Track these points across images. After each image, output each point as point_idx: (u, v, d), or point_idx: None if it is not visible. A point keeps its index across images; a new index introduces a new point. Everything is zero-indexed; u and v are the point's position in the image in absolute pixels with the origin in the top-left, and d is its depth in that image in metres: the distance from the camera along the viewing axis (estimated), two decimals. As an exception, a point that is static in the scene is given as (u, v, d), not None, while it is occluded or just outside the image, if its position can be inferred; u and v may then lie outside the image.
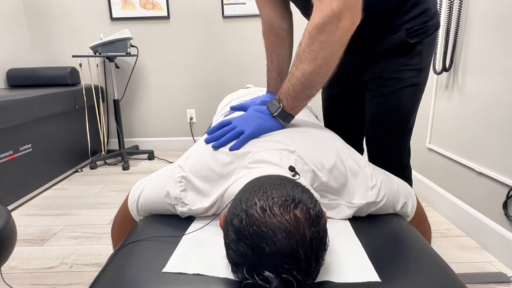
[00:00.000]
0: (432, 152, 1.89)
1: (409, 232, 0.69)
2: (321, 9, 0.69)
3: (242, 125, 0.76)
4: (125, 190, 2.22)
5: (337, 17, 0.68)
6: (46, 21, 2.88)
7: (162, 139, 3.14)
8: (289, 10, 1.05)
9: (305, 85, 0.76)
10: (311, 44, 0.71)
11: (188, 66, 2.97)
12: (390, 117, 0.99)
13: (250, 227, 0.47)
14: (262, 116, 0.79)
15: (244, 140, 0.72)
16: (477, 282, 1.25)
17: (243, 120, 0.78)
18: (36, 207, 2.00)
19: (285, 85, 0.79)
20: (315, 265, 0.48)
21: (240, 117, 0.80)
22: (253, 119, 0.78)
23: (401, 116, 0.99)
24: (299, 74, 0.75)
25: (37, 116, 2.16)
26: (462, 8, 1.55)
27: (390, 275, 0.54)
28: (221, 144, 0.72)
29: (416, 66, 0.94)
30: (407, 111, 0.98)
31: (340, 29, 0.69)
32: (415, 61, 0.93)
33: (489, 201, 1.45)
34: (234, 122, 0.77)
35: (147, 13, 2.85)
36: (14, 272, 1.38)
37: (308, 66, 0.73)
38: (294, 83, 0.76)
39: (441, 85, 1.77)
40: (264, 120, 0.78)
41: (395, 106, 0.97)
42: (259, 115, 0.79)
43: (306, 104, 0.83)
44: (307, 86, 0.76)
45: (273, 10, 1.02)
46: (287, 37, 1.05)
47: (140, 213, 0.77)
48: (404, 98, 0.96)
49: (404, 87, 0.95)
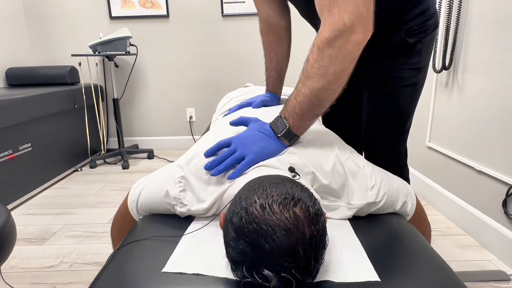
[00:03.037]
0: (431, 150, 1.89)
1: (408, 231, 0.69)
2: (331, 22, 0.64)
3: (243, 148, 0.69)
4: (124, 189, 2.22)
5: (349, 31, 0.63)
6: (45, 20, 2.87)
7: (162, 138, 3.14)
8: (287, 7, 1.04)
9: (313, 103, 0.70)
10: (321, 59, 0.66)
11: (188, 65, 2.97)
12: (388, 117, 0.98)
13: (249, 224, 0.47)
14: (265, 138, 0.72)
15: (244, 168, 0.67)
16: (477, 280, 1.25)
17: (244, 142, 0.71)
18: (36, 206, 2.00)
19: (290, 103, 0.72)
20: (314, 263, 0.48)
21: (241, 138, 0.72)
22: (256, 141, 0.71)
23: (399, 115, 0.98)
24: (307, 91, 0.69)
25: (37, 116, 2.16)
26: (462, 6, 1.55)
27: (390, 275, 0.54)
28: (220, 172, 0.67)
29: (416, 66, 0.93)
30: (405, 111, 0.98)
31: (352, 43, 0.65)
32: (414, 60, 0.92)
33: (488, 199, 1.45)
34: (234, 144, 0.71)
35: (146, 12, 2.84)
36: (14, 271, 1.38)
37: (317, 82, 0.68)
38: (301, 101, 0.70)
39: (441, 83, 1.77)
40: (267, 142, 0.71)
41: (393, 106, 0.96)
42: (262, 136, 0.72)
43: (313, 123, 0.76)
44: (315, 104, 0.70)
45: (271, 8, 1.01)
46: (285, 35, 1.04)
47: (139, 213, 0.77)
48: (403, 97, 0.95)
49: (403, 87, 0.94)
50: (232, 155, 0.69)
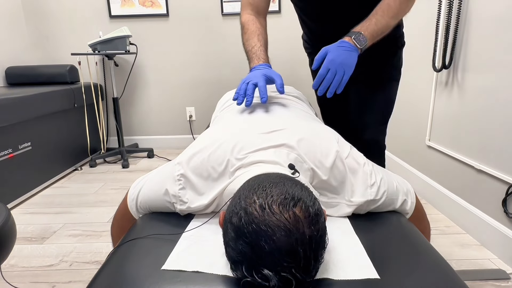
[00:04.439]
0: (431, 149, 1.89)
1: (408, 229, 0.70)
2: None
3: (339, 67, 0.89)
4: (124, 188, 2.22)
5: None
6: (45, 19, 2.87)
7: (162, 137, 3.14)
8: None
9: (383, 33, 0.96)
10: (400, 6, 0.95)
11: (188, 63, 2.97)
12: (382, 104, 1.21)
13: (249, 225, 0.47)
14: (350, 50, 0.91)
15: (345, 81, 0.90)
16: (477, 279, 1.26)
17: (337, 62, 0.89)
18: (36, 205, 2.00)
19: (370, 27, 0.93)
20: (314, 263, 0.48)
21: (332, 59, 0.90)
22: (345, 56, 0.91)
23: (390, 103, 1.22)
24: (384, 22, 0.94)
25: (36, 114, 2.16)
26: (462, 5, 1.55)
27: (389, 273, 0.54)
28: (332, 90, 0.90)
29: (398, 66, 1.21)
30: (393, 100, 1.23)
31: (411, 5, 0.98)
32: (396, 63, 1.20)
33: (488, 198, 1.45)
34: (331, 66, 0.90)
35: (146, 11, 2.84)
36: (14, 270, 1.38)
37: (393, 19, 0.96)
38: (379, 28, 0.94)
39: (441, 82, 1.77)
40: (351, 53, 0.91)
41: (385, 96, 1.20)
42: (347, 51, 0.91)
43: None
44: (383, 34, 0.97)
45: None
46: (265, 24, 1.17)
47: (139, 211, 0.77)
48: (391, 90, 1.21)
49: (391, 81, 1.20)
50: (335, 75, 0.89)
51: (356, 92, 1.21)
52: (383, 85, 1.19)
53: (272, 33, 1.16)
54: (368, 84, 1.18)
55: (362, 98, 1.22)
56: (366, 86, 1.19)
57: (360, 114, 1.23)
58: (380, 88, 1.19)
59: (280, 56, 2.82)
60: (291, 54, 2.80)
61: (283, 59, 2.84)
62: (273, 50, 1.59)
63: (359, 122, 1.23)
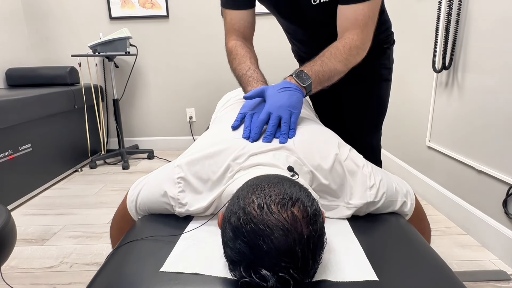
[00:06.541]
0: (431, 150, 1.89)
1: (407, 231, 0.69)
2: (362, 38, 0.93)
3: (276, 110, 0.78)
4: (124, 189, 2.22)
5: (366, 46, 0.95)
6: (45, 21, 2.88)
7: (162, 139, 3.14)
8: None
9: (330, 78, 0.90)
10: (349, 54, 0.91)
11: (188, 65, 2.97)
12: (372, 107, 1.21)
13: (247, 224, 0.47)
14: (290, 92, 0.82)
15: (294, 124, 0.77)
16: (477, 280, 1.25)
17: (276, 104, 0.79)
18: (36, 207, 2.01)
19: (315, 67, 0.87)
20: (312, 263, 0.48)
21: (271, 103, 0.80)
22: (285, 98, 0.80)
23: (382, 105, 1.22)
24: (331, 66, 0.89)
25: (37, 116, 2.16)
26: (462, 5, 1.55)
27: (388, 274, 0.54)
28: (269, 137, 0.73)
29: (388, 66, 1.19)
30: (386, 101, 1.22)
31: (364, 53, 0.95)
32: (386, 62, 1.18)
33: (489, 199, 1.45)
34: (267, 109, 0.78)
35: (146, 12, 2.85)
36: (15, 272, 1.38)
37: (341, 65, 0.90)
38: (325, 70, 0.88)
39: (441, 83, 1.77)
40: (293, 93, 0.82)
41: (377, 97, 1.20)
42: (288, 92, 0.82)
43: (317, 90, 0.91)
44: (331, 78, 0.90)
45: (250, 22, 1.10)
46: (252, 47, 1.13)
47: (138, 212, 0.77)
48: (383, 90, 1.20)
49: (382, 82, 1.19)
50: (270, 119, 0.77)
51: (348, 97, 1.21)
52: (374, 86, 1.19)
53: (269, 35, 1.17)
54: (359, 87, 1.17)
55: (354, 103, 1.21)
56: (357, 89, 1.17)
57: (353, 119, 1.23)
58: (371, 89, 1.18)
59: (279, 56, 2.82)
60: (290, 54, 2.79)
61: (283, 59, 2.84)
62: (271, 50, 1.58)
63: (353, 127, 1.23)
